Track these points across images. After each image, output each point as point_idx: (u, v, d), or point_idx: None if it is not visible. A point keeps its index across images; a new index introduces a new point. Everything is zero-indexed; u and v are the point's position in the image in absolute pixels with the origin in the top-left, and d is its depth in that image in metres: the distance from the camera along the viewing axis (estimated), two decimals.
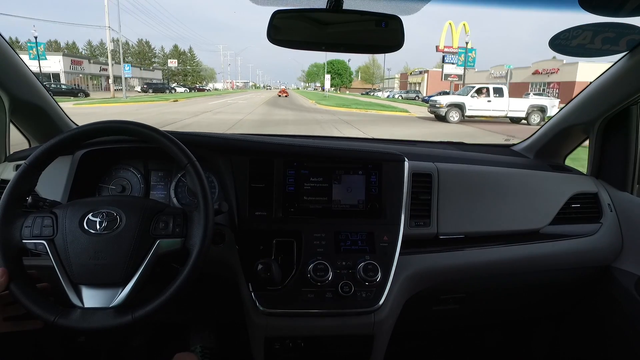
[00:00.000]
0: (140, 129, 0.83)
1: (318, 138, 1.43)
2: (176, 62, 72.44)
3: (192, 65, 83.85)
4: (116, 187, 1.12)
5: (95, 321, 0.72)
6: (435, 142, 1.75)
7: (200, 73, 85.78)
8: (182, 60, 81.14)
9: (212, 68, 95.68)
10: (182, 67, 79.12)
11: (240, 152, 1.08)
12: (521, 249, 1.19)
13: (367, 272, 0.98)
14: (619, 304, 1.25)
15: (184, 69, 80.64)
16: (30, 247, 0.75)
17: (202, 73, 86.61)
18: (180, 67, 78.59)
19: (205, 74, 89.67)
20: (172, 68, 77.12)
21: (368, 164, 1.10)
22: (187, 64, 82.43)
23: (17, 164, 1.15)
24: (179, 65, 78.67)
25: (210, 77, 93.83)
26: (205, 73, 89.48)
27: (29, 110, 1.21)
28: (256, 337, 0.99)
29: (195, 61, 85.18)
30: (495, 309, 1.45)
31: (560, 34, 1.10)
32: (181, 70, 79.93)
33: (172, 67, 77.05)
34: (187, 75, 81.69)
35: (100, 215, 0.77)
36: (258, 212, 1.06)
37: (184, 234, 0.79)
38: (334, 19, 0.95)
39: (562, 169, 1.43)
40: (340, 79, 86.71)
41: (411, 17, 1.04)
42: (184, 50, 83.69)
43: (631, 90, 1.17)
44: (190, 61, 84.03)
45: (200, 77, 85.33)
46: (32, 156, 0.80)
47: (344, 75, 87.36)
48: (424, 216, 1.15)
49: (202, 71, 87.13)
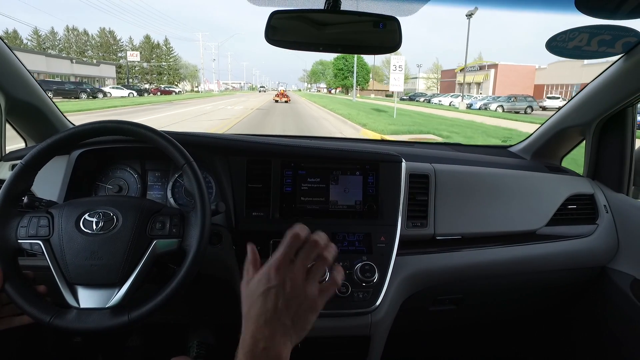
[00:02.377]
0: (137, 128, 0.83)
1: (315, 138, 1.43)
2: (138, 55, 55.99)
3: (168, 61, 67.21)
4: (113, 187, 1.12)
5: (91, 322, 0.71)
6: (432, 143, 1.76)
7: (178, 71, 69.05)
8: (157, 55, 65.69)
9: (194, 65, 76.33)
10: (156, 64, 64.48)
11: (238, 153, 1.08)
12: (518, 249, 1.20)
13: (364, 272, 0.98)
14: (614, 305, 1.26)
15: (158, 66, 65.07)
16: (26, 247, 0.75)
17: (181, 71, 70.01)
18: (154, 64, 64.15)
19: (186, 72, 72.68)
20: (135, 63, 62.10)
21: (365, 165, 1.10)
22: (162, 60, 66.17)
23: (13, 163, 1.14)
24: (154, 62, 64.61)
25: (192, 75, 75.15)
26: (186, 71, 72.66)
27: (25, 109, 1.21)
28: None
29: (172, 56, 68.11)
30: (492, 309, 1.45)
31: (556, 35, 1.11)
32: (155, 67, 64.97)
33: (134, 62, 61.33)
34: (161, 74, 65.88)
35: (96, 215, 0.77)
36: (255, 213, 1.06)
37: (180, 234, 0.79)
38: (331, 19, 0.95)
39: (558, 170, 1.43)
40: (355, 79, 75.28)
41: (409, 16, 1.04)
42: (157, 43, 66.54)
43: (627, 92, 1.18)
44: (166, 56, 67.28)
45: (178, 76, 68.97)
46: (29, 155, 0.79)
47: (360, 74, 69.59)
48: (421, 217, 1.15)
49: (182, 69, 70.62)
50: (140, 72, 64.54)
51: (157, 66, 65.45)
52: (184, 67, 71.74)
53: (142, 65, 63.36)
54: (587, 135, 1.37)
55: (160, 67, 65.76)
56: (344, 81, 70.63)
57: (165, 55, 67.24)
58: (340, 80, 70.83)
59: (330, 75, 78.60)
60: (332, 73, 77.63)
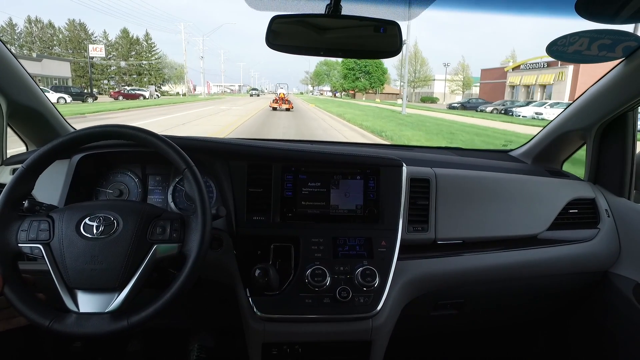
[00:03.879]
0: (138, 133, 0.83)
1: (316, 143, 1.44)
2: (103, 50, 44.21)
3: (148, 58, 54.31)
4: (113, 191, 1.12)
5: (90, 326, 0.71)
6: (433, 147, 1.76)
7: (161, 71, 56.18)
8: (137, 52, 53.52)
9: (181, 65, 62.40)
10: (135, 62, 52.71)
11: (238, 157, 1.08)
12: (519, 254, 1.19)
13: (365, 277, 0.97)
14: (616, 310, 1.25)
15: (138, 65, 53.22)
16: (26, 251, 0.75)
17: (165, 71, 57.49)
18: (133, 62, 52.57)
19: (170, 73, 59.58)
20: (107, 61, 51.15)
21: (366, 169, 1.10)
22: (142, 58, 53.56)
23: (14, 167, 1.14)
24: (132, 60, 52.62)
25: (178, 77, 61.28)
26: (172, 71, 59.82)
27: (26, 114, 1.21)
28: (253, 342, 0.99)
29: (154, 53, 55.00)
30: (494, 314, 1.44)
31: (557, 40, 1.11)
32: (134, 67, 53.19)
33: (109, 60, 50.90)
34: (142, 75, 53.43)
35: (97, 219, 0.77)
36: (256, 217, 1.06)
37: (181, 239, 0.78)
38: (332, 24, 0.95)
39: (559, 175, 1.43)
40: (369, 80, 58.53)
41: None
42: (137, 38, 53.35)
43: (628, 97, 1.18)
44: (147, 53, 54.32)
45: (161, 77, 56.15)
46: (30, 159, 0.80)
47: (375, 74, 57.89)
48: (422, 221, 1.15)
49: (166, 68, 57.96)
50: (116, 72, 53.13)
51: (137, 65, 53.38)
52: (169, 67, 59.25)
53: (119, 64, 52.32)
54: (588, 140, 1.37)
55: (140, 67, 53.64)
56: (354, 83, 59.35)
57: (146, 52, 54.47)
58: (350, 82, 59.89)
59: (336, 76, 69.56)
60: (337, 74, 68.63)
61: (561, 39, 1.11)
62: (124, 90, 38.25)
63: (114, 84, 50.45)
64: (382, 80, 59.13)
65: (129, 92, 35.99)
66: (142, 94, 36.44)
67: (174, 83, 58.57)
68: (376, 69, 56.81)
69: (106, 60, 51.08)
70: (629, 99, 1.18)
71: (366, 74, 58.18)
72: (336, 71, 69.28)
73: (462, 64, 51.73)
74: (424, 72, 54.60)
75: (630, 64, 1.11)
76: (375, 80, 58.06)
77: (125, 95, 34.59)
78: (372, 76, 58.23)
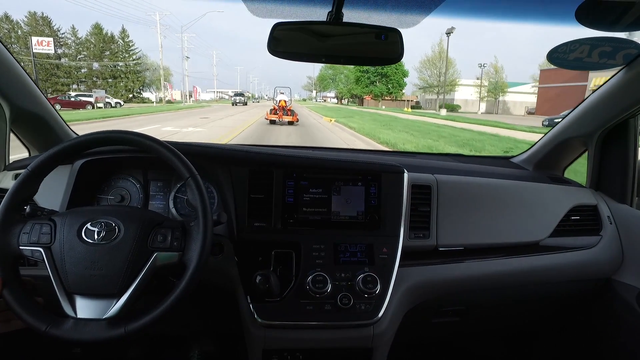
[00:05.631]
0: (141, 139, 0.84)
1: (318, 149, 1.44)
2: (51, 44, 30.27)
3: (125, 59, 45.64)
4: (115, 196, 1.12)
5: (87, 332, 0.71)
6: (435, 154, 1.76)
7: (140, 74, 46.44)
8: (111, 52, 44.91)
9: (166, 67, 52.49)
10: (111, 64, 44.19)
11: (240, 163, 1.08)
12: (521, 261, 1.19)
13: (367, 284, 0.97)
14: (620, 317, 1.24)
15: (113, 67, 44.68)
16: (27, 254, 0.75)
17: (145, 74, 47.55)
18: (108, 64, 44.13)
19: (153, 76, 48.71)
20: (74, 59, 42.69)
21: (367, 176, 1.10)
22: (118, 58, 45.16)
23: (16, 172, 1.15)
24: (107, 61, 44.06)
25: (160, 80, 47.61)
26: (155, 74, 48.47)
27: (29, 119, 1.22)
28: (254, 349, 0.98)
29: (133, 53, 45.83)
30: (496, 321, 1.43)
31: (558, 47, 1.12)
32: (109, 69, 44.55)
33: (65, 59, 42.19)
34: (117, 78, 44.76)
35: (99, 225, 0.77)
36: (257, 223, 1.05)
37: (181, 247, 0.78)
38: (334, 31, 0.95)
39: (561, 181, 1.43)
40: (386, 84, 49.48)
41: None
42: (111, 35, 44.76)
43: (629, 104, 1.18)
44: (124, 53, 45.68)
45: (140, 81, 46.51)
46: (34, 163, 0.80)
47: (394, 78, 48.98)
48: (424, 228, 1.14)
49: (148, 71, 48.10)
50: (87, 75, 44.63)
51: (112, 67, 45.06)
52: (152, 69, 48.70)
53: (92, 65, 44.38)
54: (590, 146, 1.37)
55: (115, 69, 45.27)
56: (369, 88, 50.73)
57: (123, 52, 45.64)
58: (363, 86, 51.28)
59: (343, 81, 62.05)
60: (344, 79, 61.20)
61: (562, 47, 1.11)
62: (67, 96, 27.95)
63: (85, 89, 41.60)
64: (402, 85, 50.63)
65: (71, 100, 26.10)
66: (88, 100, 26.93)
67: (157, 88, 47.42)
68: (395, 72, 47.74)
69: (75, 61, 43.98)
70: (630, 106, 1.18)
71: (383, 77, 49.27)
72: (343, 75, 62.14)
73: (494, 65, 44.28)
74: (449, 75, 44.36)
75: (631, 71, 1.12)
76: (394, 84, 49.49)
77: (65, 103, 24.40)
78: (390, 80, 49.26)
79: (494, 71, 44.12)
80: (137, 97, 45.84)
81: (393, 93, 50.51)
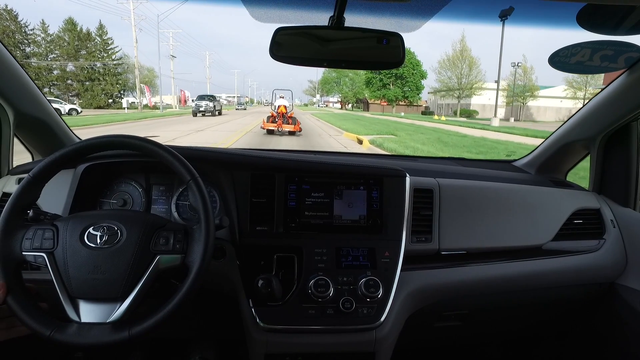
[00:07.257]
0: (144, 143, 0.84)
1: (319, 153, 1.44)
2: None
3: (104, 59, 40.38)
4: (117, 201, 1.12)
5: (92, 337, 0.71)
6: (436, 157, 1.76)
7: (120, 76, 41.26)
8: (87, 50, 39.46)
9: (150, 68, 47.82)
10: (87, 64, 39.06)
11: (242, 167, 1.08)
12: (523, 265, 1.18)
13: (369, 288, 0.97)
14: (623, 321, 1.23)
15: (89, 69, 39.55)
16: (30, 259, 0.75)
17: (127, 76, 42.18)
18: (84, 65, 39.00)
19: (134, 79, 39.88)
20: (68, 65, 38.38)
21: (369, 179, 1.10)
22: (95, 58, 39.82)
23: (19, 177, 1.15)
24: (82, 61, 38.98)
25: (147, 83, 42.77)
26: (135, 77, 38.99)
27: (33, 124, 1.22)
28: (256, 353, 0.98)
29: (112, 52, 40.82)
30: (498, 326, 1.43)
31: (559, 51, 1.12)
32: (85, 71, 39.34)
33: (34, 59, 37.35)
34: (94, 80, 39.51)
35: (101, 229, 0.77)
36: (259, 227, 1.05)
37: (184, 250, 0.79)
38: (336, 36, 0.96)
39: (563, 185, 1.42)
40: (401, 87, 44.33)
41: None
42: (87, 31, 39.56)
43: (631, 107, 1.18)
44: (102, 52, 40.43)
45: (121, 83, 41.27)
46: (37, 168, 0.80)
47: (411, 80, 43.82)
48: (426, 232, 1.14)
49: (129, 72, 42.03)
50: (59, 77, 39.20)
51: (89, 69, 39.53)
52: (132, 71, 40.57)
53: (66, 66, 39.26)
54: (592, 150, 1.37)
55: (92, 70, 39.71)
56: (381, 91, 45.07)
57: (100, 51, 40.14)
58: (374, 89, 46.00)
59: (348, 85, 58.26)
60: (349, 82, 57.12)
61: (563, 50, 1.12)
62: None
63: (59, 94, 38.42)
64: (420, 88, 44.64)
65: None
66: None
67: (142, 92, 39.77)
68: (413, 73, 41.89)
69: (46, 61, 38.83)
70: (633, 109, 1.18)
71: (398, 78, 43.31)
72: (347, 78, 58.25)
73: (523, 66, 37.85)
74: (472, 77, 39.06)
75: (632, 75, 1.12)
76: (410, 87, 43.91)
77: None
78: (406, 82, 43.51)
79: (522, 72, 38.55)
80: (118, 102, 40.68)
81: (409, 97, 45.03)
